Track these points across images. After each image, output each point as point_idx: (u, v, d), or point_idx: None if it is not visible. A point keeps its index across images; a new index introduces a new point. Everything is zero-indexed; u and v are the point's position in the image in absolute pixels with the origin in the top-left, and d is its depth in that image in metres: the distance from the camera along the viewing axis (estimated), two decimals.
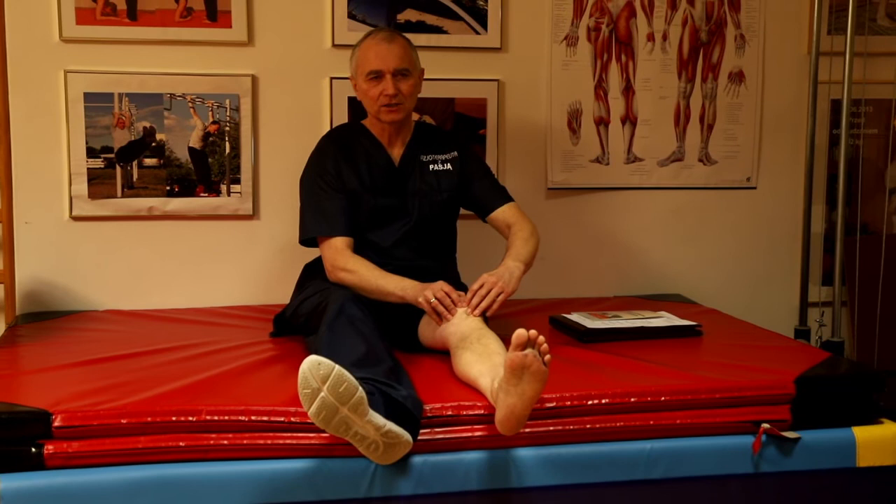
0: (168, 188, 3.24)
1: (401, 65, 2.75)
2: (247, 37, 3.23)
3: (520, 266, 2.70)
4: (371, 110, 2.83)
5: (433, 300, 2.56)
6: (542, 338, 2.09)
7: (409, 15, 3.32)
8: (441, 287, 2.58)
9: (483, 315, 2.59)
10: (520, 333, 2.07)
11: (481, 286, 2.60)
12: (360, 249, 2.79)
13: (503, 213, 2.89)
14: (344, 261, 2.71)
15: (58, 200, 3.18)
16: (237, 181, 3.28)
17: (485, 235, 2.99)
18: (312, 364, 2.03)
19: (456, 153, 2.94)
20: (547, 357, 2.10)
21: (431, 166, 2.89)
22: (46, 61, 3.13)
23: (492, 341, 2.41)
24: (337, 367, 2.03)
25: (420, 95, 2.90)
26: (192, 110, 3.23)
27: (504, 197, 2.93)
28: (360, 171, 2.83)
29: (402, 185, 2.86)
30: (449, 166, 2.91)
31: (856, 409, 2.47)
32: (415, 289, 2.61)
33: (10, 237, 3.11)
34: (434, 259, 2.88)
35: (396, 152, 2.88)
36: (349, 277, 2.67)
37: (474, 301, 2.57)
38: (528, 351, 2.07)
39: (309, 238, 2.81)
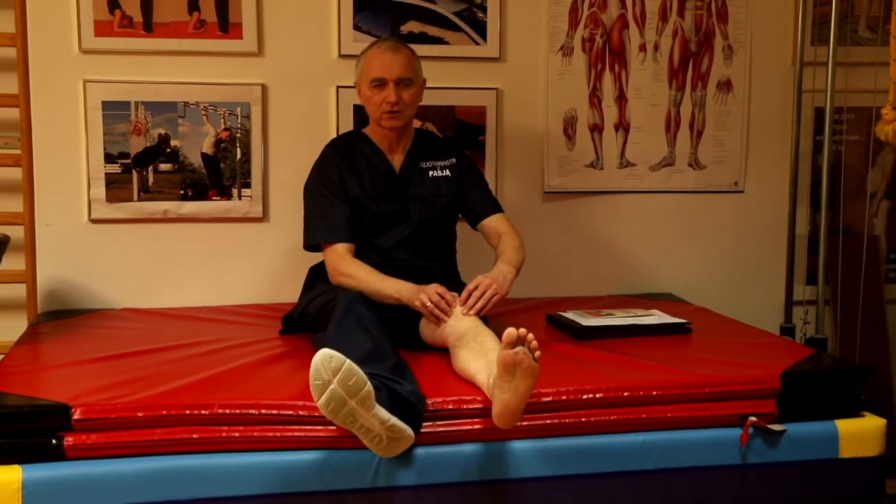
0: (182, 192, 3.24)
1: (404, 74, 2.75)
2: (257, 48, 3.23)
3: (512, 271, 2.70)
4: (373, 116, 2.82)
5: (429, 304, 2.55)
6: (531, 335, 2.09)
7: (412, 26, 3.32)
8: (435, 290, 2.57)
9: (482, 315, 2.59)
10: (510, 332, 2.07)
11: (476, 287, 2.59)
12: (362, 251, 2.79)
13: (494, 222, 2.89)
14: (345, 266, 2.71)
15: (77, 204, 3.18)
16: (248, 185, 3.28)
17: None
18: (325, 357, 2.03)
19: (454, 160, 2.93)
20: (537, 353, 2.09)
21: (431, 172, 2.89)
22: (66, 72, 3.13)
23: (488, 339, 2.41)
24: (348, 361, 2.04)
25: (422, 103, 2.90)
26: (204, 118, 3.23)
27: (496, 207, 2.93)
28: (363, 179, 2.83)
29: (403, 191, 2.86)
30: (448, 172, 2.91)
31: (838, 403, 2.48)
32: (410, 291, 2.60)
33: (31, 239, 3.12)
34: (434, 260, 2.88)
35: (397, 159, 2.88)
36: (349, 282, 2.67)
37: (469, 301, 2.57)
38: (519, 349, 2.07)
39: (313, 244, 2.81)
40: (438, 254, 2.92)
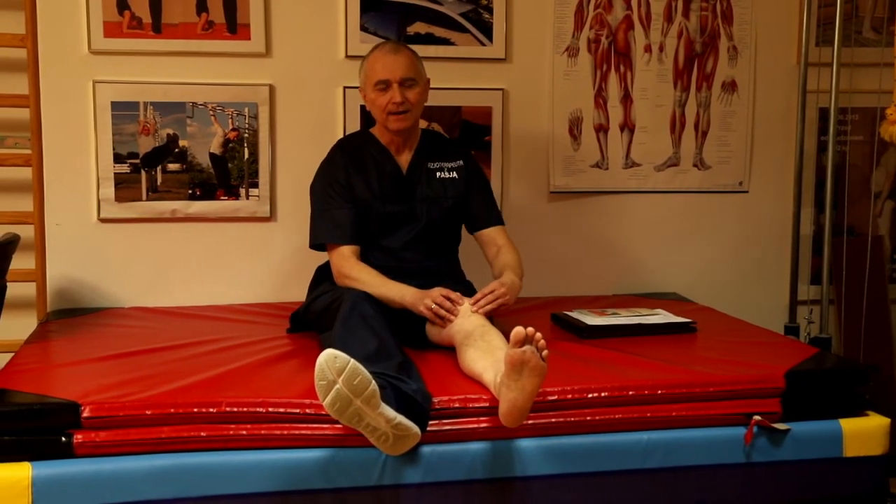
0: (190, 192, 3.24)
1: (407, 74, 2.74)
2: (265, 48, 3.23)
3: (520, 283, 2.73)
4: (379, 119, 2.82)
5: (433, 306, 2.55)
6: (539, 334, 2.08)
7: (419, 28, 3.32)
8: (439, 292, 2.57)
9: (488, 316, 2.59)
10: (518, 331, 2.06)
11: (492, 291, 2.60)
12: (370, 252, 2.79)
13: (495, 233, 2.89)
14: (349, 268, 2.71)
15: (86, 203, 3.19)
16: (255, 185, 3.28)
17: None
18: (329, 357, 2.03)
19: (461, 162, 2.93)
20: (545, 353, 2.09)
21: (438, 174, 2.88)
22: (76, 72, 3.13)
23: (495, 337, 2.41)
24: (352, 360, 2.03)
25: (429, 104, 2.90)
26: (212, 118, 3.23)
27: (498, 218, 2.93)
28: (370, 180, 2.82)
29: (410, 192, 2.85)
30: (455, 174, 2.90)
31: (842, 402, 2.47)
32: (414, 296, 2.60)
33: (41, 238, 3.12)
34: (440, 260, 2.88)
35: (404, 160, 2.87)
36: (353, 284, 2.67)
37: (482, 302, 2.57)
38: (527, 347, 2.07)
39: (319, 244, 2.82)
40: (445, 254, 2.92)
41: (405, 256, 2.82)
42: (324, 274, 2.88)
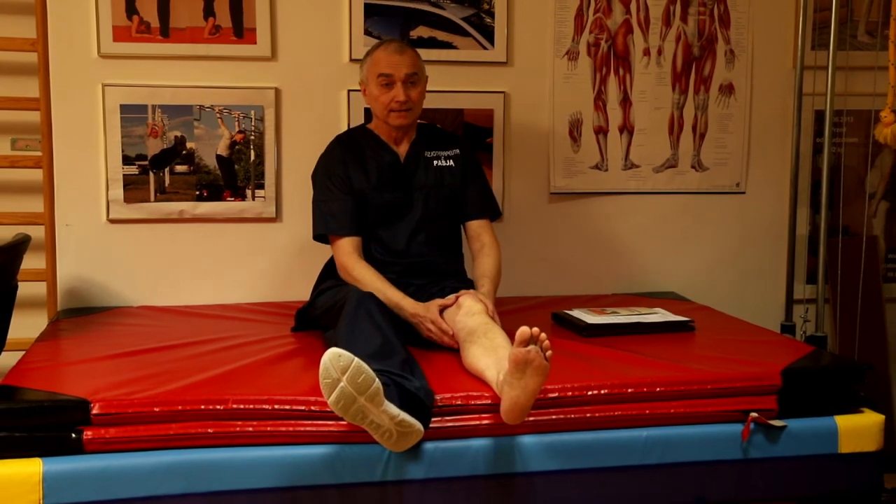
0: (197, 193, 3.24)
1: (411, 70, 2.75)
2: (270, 52, 3.23)
3: (494, 296, 2.72)
4: (380, 115, 2.81)
5: (433, 338, 2.58)
6: (543, 335, 2.09)
7: (421, 31, 3.32)
8: (431, 321, 2.57)
9: None
10: (523, 331, 2.06)
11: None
12: (373, 246, 2.79)
13: (481, 227, 2.88)
14: (351, 266, 2.71)
15: (96, 205, 3.19)
16: (261, 186, 3.28)
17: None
18: (333, 356, 2.03)
19: (458, 150, 2.92)
20: (548, 353, 2.09)
21: (436, 162, 2.88)
22: (86, 76, 3.13)
23: (498, 336, 2.41)
24: (356, 359, 2.03)
25: (432, 106, 2.90)
26: (219, 121, 3.23)
27: (487, 211, 2.91)
28: (368, 171, 2.82)
29: (408, 180, 2.84)
30: (452, 163, 2.89)
31: (838, 399, 2.47)
32: (409, 313, 2.60)
33: (52, 239, 3.13)
34: (445, 255, 2.87)
35: (402, 149, 2.87)
36: (355, 283, 2.67)
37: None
38: (531, 347, 2.07)
39: (320, 234, 2.82)
40: (447, 247, 2.90)
41: (409, 251, 2.81)
42: (329, 270, 2.88)
